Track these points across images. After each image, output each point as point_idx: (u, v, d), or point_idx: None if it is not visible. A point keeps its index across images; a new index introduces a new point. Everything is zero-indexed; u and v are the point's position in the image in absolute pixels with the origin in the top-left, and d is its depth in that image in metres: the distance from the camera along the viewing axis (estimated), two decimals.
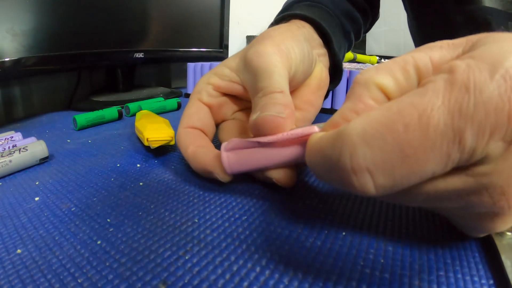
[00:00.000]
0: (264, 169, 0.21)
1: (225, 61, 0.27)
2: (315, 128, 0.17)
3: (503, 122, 0.10)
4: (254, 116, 0.20)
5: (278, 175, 0.21)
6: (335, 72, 0.32)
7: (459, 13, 0.42)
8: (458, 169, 0.12)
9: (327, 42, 0.31)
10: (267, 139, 0.19)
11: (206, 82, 0.26)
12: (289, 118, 0.20)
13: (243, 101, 0.28)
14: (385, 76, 0.14)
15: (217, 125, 0.28)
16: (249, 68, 0.23)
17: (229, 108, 0.27)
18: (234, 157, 0.20)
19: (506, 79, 0.11)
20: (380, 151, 0.11)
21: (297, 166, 0.22)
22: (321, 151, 0.14)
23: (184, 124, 0.25)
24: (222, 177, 0.22)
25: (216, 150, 0.23)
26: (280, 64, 0.22)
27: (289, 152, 0.19)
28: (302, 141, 0.19)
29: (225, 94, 0.27)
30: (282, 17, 0.31)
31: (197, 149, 0.23)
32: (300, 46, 0.25)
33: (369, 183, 0.12)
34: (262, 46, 0.23)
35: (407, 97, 0.12)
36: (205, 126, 0.25)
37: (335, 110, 0.47)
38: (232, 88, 0.26)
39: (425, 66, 0.14)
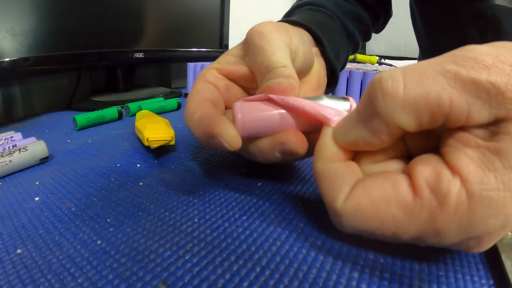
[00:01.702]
0: (278, 129, 0.19)
1: (229, 50, 0.26)
2: (331, 121, 0.17)
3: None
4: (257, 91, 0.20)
5: (291, 137, 0.19)
6: (331, 76, 0.32)
7: (467, 10, 0.42)
8: None
9: (321, 46, 0.31)
10: (282, 99, 0.19)
11: (210, 67, 0.25)
12: (292, 86, 0.19)
13: (250, 94, 0.27)
14: (411, 119, 0.13)
15: None
16: (251, 47, 0.23)
17: (235, 94, 0.26)
18: (248, 107, 0.19)
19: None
20: (358, 232, 0.15)
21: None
22: (319, 183, 0.17)
23: (193, 98, 0.23)
24: (229, 139, 0.18)
25: (224, 117, 0.20)
26: (280, 40, 0.22)
27: (306, 119, 0.19)
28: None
29: (231, 81, 0.26)
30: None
31: (204, 114, 0.21)
32: (296, 33, 0.25)
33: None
34: (261, 25, 0.23)
35: (396, 200, 0.14)
36: (216, 100, 0.23)
37: None
38: (237, 71, 0.24)
39: (457, 120, 0.13)
